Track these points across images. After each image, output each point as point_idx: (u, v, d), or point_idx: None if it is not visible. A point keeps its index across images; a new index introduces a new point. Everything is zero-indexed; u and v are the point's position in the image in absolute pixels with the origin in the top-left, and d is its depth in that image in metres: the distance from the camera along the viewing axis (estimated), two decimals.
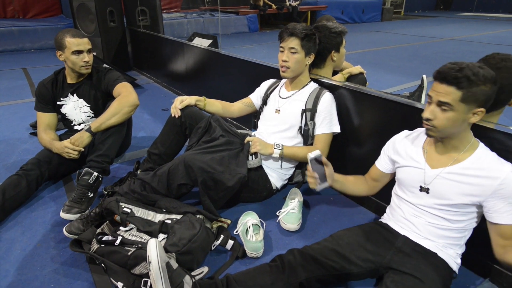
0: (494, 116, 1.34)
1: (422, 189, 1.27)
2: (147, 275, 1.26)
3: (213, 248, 1.52)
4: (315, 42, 1.83)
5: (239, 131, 1.95)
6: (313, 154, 1.38)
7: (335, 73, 2.17)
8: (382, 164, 1.45)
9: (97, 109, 2.11)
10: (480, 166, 1.15)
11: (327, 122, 1.84)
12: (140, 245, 1.36)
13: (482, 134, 1.27)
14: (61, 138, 2.06)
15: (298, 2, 9.00)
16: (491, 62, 1.25)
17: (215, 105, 2.04)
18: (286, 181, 2.01)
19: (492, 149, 1.19)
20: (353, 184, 1.56)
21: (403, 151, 1.35)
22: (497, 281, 1.39)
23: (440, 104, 1.11)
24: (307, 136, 1.86)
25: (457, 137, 1.18)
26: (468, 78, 1.06)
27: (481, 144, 1.20)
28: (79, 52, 1.93)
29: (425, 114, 1.15)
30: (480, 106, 1.09)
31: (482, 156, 1.16)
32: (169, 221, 1.49)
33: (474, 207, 1.19)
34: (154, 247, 1.17)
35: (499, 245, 1.16)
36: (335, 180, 1.48)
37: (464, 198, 1.17)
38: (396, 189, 1.42)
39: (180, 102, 1.88)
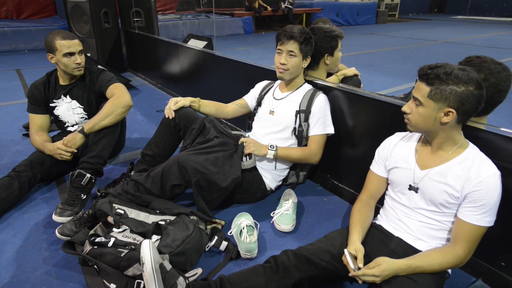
0: (483, 117, 1.37)
1: (411, 187, 1.28)
2: (140, 277, 1.26)
3: (207, 249, 1.52)
4: (311, 46, 1.84)
5: (233, 132, 1.95)
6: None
7: (329, 75, 2.18)
8: (378, 169, 1.44)
9: (91, 111, 2.09)
10: (465, 166, 1.16)
11: (321, 124, 1.84)
12: (133, 247, 1.35)
13: (473, 134, 1.28)
14: (54, 139, 2.05)
15: (289, 5, 9.02)
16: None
17: (209, 107, 2.03)
18: (280, 182, 2.01)
19: (481, 150, 1.20)
20: (367, 222, 1.40)
21: (395, 153, 1.36)
22: (489, 281, 1.40)
23: (414, 99, 1.17)
24: (301, 137, 1.87)
25: (440, 136, 1.19)
26: (438, 76, 1.09)
27: (471, 145, 1.21)
28: (70, 54, 1.91)
29: (403, 108, 1.22)
30: (451, 106, 1.10)
31: (469, 156, 1.17)
32: (162, 222, 1.48)
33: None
34: (147, 248, 1.17)
35: (453, 237, 1.20)
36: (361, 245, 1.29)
37: (447, 196, 1.18)
38: (389, 191, 1.42)
39: (174, 104, 1.87)
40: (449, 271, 1.27)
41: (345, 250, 1.20)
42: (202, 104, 2.00)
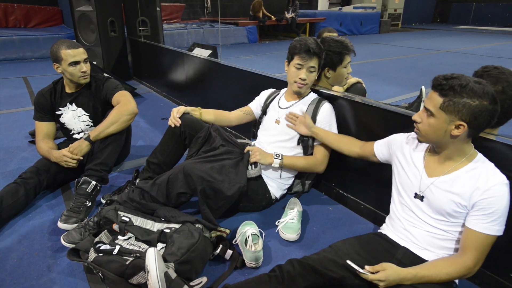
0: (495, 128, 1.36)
1: (416, 196, 1.27)
2: (145, 285, 1.25)
3: (211, 257, 1.51)
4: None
5: (239, 140, 1.95)
6: None
7: None
8: (379, 148, 1.47)
9: (96, 118, 2.11)
10: (473, 175, 1.15)
11: None
12: (138, 255, 1.35)
13: (483, 144, 1.28)
14: (60, 146, 2.06)
15: (293, 15, 9.10)
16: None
17: (211, 114, 2.05)
18: (286, 191, 2.01)
19: (491, 160, 1.19)
20: (337, 142, 1.73)
21: (408, 152, 1.35)
22: None
23: (425, 109, 1.15)
24: (307, 146, 1.87)
25: (449, 148, 1.18)
26: (453, 87, 1.07)
27: (479, 155, 1.20)
28: (76, 63, 1.92)
29: (414, 116, 1.21)
30: (463, 120, 1.09)
31: (478, 166, 1.17)
32: (167, 230, 1.48)
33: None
34: (152, 257, 1.17)
35: (461, 246, 1.19)
36: (315, 132, 1.72)
37: (454, 205, 1.18)
38: (394, 200, 1.42)
39: (176, 112, 1.89)
40: (457, 281, 1.26)
41: (348, 262, 1.21)
42: (203, 112, 2.01)
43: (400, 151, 1.38)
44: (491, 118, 1.08)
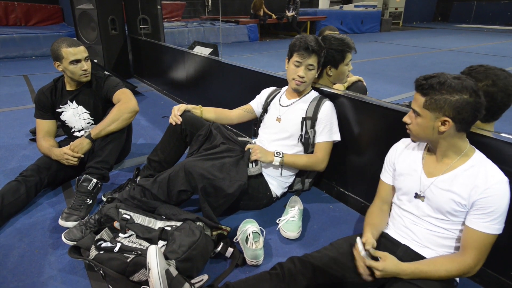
0: (490, 123, 1.36)
1: (417, 196, 1.28)
2: (146, 283, 1.25)
3: (212, 255, 1.51)
4: (324, 56, 1.86)
5: (240, 138, 1.95)
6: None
7: None
8: (388, 177, 1.44)
9: (97, 116, 2.11)
10: (471, 173, 1.15)
11: (328, 131, 1.84)
12: (139, 252, 1.35)
13: (479, 140, 1.28)
14: (61, 144, 2.06)
15: (293, 13, 9.09)
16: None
17: (211, 112, 2.05)
18: (286, 189, 2.01)
19: (488, 157, 1.19)
20: (381, 225, 1.40)
21: (402, 159, 1.36)
22: None
23: (412, 110, 1.19)
24: (308, 144, 1.87)
25: (442, 144, 1.19)
26: (432, 86, 1.11)
27: (477, 152, 1.20)
28: (77, 61, 1.92)
29: (404, 118, 1.24)
30: (446, 115, 1.11)
31: (475, 163, 1.17)
32: (168, 228, 1.48)
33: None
34: (154, 254, 1.17)
35: (462, 245, 1.19)
36: (374, 242, 1.28)
37: (454, 205, 1.18)
38: (395, 198, 1.42)
39: (177, 110, 1.89)
40: (457, 279, 1.26)
41: (357, 238, 1.23)
42: (204, 110, 2.01)
43: (397, 160, 1.38)
44: (475, 111, 1.10)
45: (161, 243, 1.44)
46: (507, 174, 1.13)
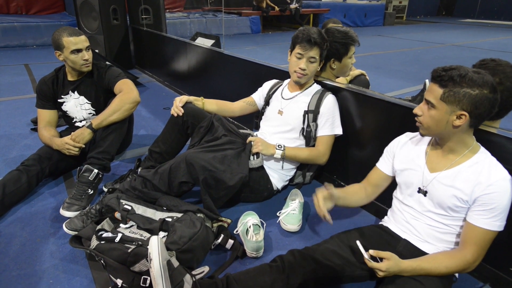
0: (496, 121, 1.35)
1: (420, 190, 1.27)
2: (146, 273, 1.26)
3: (213, 247, 1.52)
4: (327, 49, 1.84)
5: (241, 131, 1.95)
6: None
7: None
8: (384, 166, 1.44)
9: (98, 106, 2.10)
10: (475, 170, 1.15)
11: (330, 124, 1.84)
12: (140, 243, 1.36)
13: (485, 138, 1.27)
14: (62, 134, 2.06)
15: (297, 5, 9.01)
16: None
17: (213, 104, 2.04)
18: (287, 182, 2.01)
19: (493, 154, 1.18)
20: (353, 195, 1.48)
21: (404, 154, 1.35)
22: (497, 286, 1.39)
23: (426, 101, 1.15)
24: (309, 137, 1.86)
25: (452, 139, 1.18)
26: (452, 78, 1.07)
27: (482, 149, 1.19)
28: (78, 50, 1.91)
29: (415, 110, 1.20)
30: (464, 109, 1.09)
31: (480, 160, 1.16)
32: (169, 219, 1.48)
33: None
34: (156, 245, 1.17)
35: (461, 241, 1.19)
36: (337, 198, 1.39)
37: (456, 200, 1.18)
38: (397, 192, 1.42)
39: (179, 101, 1.88)
40: (457, 275, 1.27)
41: (357, 241, 1.23)
42: (206, 101, 2.00)
43: (398, 152, 1.38)
44: (491, 107, 1.08)
45: (161, 234, 1.44)
46: (510, 172, 1.12)
